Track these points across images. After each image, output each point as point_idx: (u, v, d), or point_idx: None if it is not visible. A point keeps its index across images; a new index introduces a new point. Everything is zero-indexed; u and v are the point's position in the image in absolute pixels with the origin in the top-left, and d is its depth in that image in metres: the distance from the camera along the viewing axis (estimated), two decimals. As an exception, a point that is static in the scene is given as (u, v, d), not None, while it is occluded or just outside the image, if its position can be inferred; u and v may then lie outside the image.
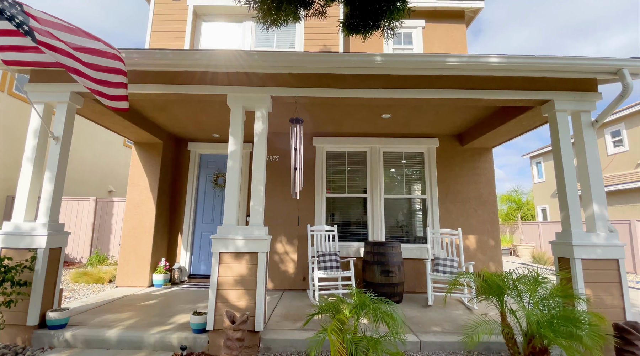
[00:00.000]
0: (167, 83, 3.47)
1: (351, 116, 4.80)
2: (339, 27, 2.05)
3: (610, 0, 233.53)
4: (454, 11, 6.65)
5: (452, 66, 3.31)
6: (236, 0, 2.10)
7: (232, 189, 3.39)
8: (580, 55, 3.38)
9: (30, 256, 3.18)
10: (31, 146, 3.50)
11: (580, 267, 3.18)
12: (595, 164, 3.44)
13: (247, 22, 6.27)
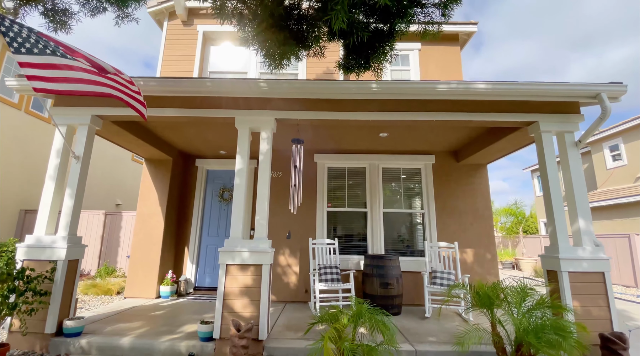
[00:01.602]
0: (181, 107, 3.78)
1: (350, 134, 5.08)
2: (337, 67, 2.32)
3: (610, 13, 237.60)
4: (449, 34, 7.01)
5: (443, 91, 3.59)
6: (245, 46, 2.37)
7: (239, 205, 3.63)
8: (562, 81, 3.66)
9: (50, 267, 3.41)
10: (53, 165, 3.79)
11: (567, 279, 3.35)
12: (580, 182, 3.65)
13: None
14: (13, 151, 8.23)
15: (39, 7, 1.92)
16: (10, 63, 8.53)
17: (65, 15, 2.03)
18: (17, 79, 3.66)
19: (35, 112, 8.94)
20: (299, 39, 2.03)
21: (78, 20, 2.14)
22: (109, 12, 2.16)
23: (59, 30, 2.10)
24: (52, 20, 2.01)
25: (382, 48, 1.95)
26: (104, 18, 2.12)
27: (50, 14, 1.95)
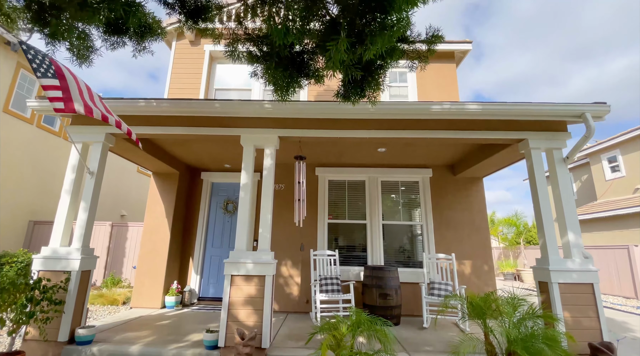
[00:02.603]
0: (191, 125, 4.02)
1: (350, 149, 5.31)
2: (335, 96, 2.55)
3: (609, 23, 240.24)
4: (445, 52, 7.31)
5: (436, 111, 3.82)
6: (254, 79, 2.61)
7: (244, 218, 3.83)
8: (548, 102, 3.88)
9: (64, 277, 3.60)
10: (69, 180, 4.02)
11: (557, 290, 3.50)
12: (568, 196, 3.83)
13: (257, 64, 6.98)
14: (24, 164, 8.51)
15: (66, 43, 2.16)
16: (23, 79, 8.89)
17: (88, 50, 2.26)
18: (38, 101, 3.92)
19: (47, 127, 9.27)
20: (301, 69, 2.27)
21: (99, 54, 2.38)
22: (128, 46, 2.40)
23: (83, 64, 2.34)
24: (77, 55, 2.25)
25: (376, 80, 2.18)
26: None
27: (75, 49, 2.19)
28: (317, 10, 1.70)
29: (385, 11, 1.45)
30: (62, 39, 2.12)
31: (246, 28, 2.44)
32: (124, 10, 1.78)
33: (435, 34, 2.32)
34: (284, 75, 2.15)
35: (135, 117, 3.99)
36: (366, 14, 1.52)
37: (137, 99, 3.89)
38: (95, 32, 2.29)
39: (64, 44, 2.19)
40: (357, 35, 1.57)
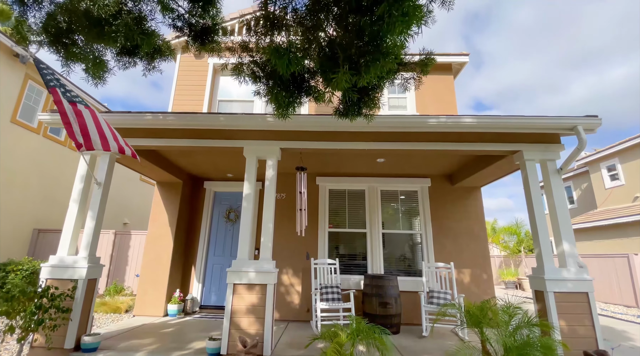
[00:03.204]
0: (195, 138, 4.16)
1: (350, 160, 5.44)
2: (334, 113, 2.68)
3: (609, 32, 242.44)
4: (443, 65, 7.49)
5: (433, 124, 3.96)
6: (257, 97, 2.76)
7: (246, 228, 3.94)
8: (541, 115, 4.01)
9: (71, 285, 3.70)
10: (77, 190, 4.15)
11: (553, 299, 3.56)
12: (562, 206, 3.93)
13: (260, 84, 7.18)
14: (30, 173, 8.67)
15: (82, 64, 2.31)
16: (31, 90, 9.11)
17: (103, 71, 2.41)
18: (50, 114, 4.08)
19: (53, 136, 9.45)
20: (301, 88, 2.40)
21: (112, 74, 2.53)
22: (138, 65, 2.55)
23: (98, 83, 2.49)
24: (92, 75, 2.39)
25: (372, 99, 2.31)
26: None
27: (91, 70, 2.34)
28: (316, 44, 1.84)
29: (378, 48, 1.59)
30: (79, 61, 2.27)
31: (250, 50, 2.59)
32: (140, 38, 1.93)
33: (429, 56, 2.47)
34: (285, 95, 2.29)
35: (142, 130, 4.13)
36: (361, 48, 1.67)
37: (144, 113, 4.04)
38: (109, 52, 2.44)
39: (79, 65, 2.34)
40: (354, 64, 1.71)
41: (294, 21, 1.97)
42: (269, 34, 2.05)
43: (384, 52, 1.60)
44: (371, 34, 1.58)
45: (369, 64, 1.62)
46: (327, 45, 1.91)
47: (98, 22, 1.92)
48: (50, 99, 9.47)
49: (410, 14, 1.45)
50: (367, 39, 1.62)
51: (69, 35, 2.12)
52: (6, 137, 8.07)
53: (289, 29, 1.89)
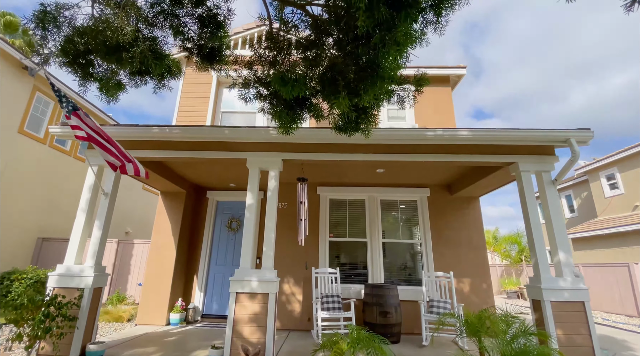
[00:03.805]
0: (200, 149, 4.30)
1: (350, 170, 5.56)
2: (333, 128, 2.81)
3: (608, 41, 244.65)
4: (440, 77, 7.67)
5: (430, 137, 4.08)
6: (262, 114, 2.89)
7: (249, 237, 4.03)
8: (535, 128, 4.13)
9: (77, 294, 3.78)
10: (85, 199, 4.27)
11: (549, 309, 3.63)
12: (558, 216, 4.02)
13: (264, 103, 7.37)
14: (36, 183, 8.81)
15: (96, 83, 2.45)
16: (38, 102, 9.32)
17: (117, 90, 2.55)
18: (60, 127, 4.23)
19: (59, 146, 9.63)
20: (303, 105, 2.54)
21: (125, 92, 2.67)
22: (149, 83, 2.70)
23: (111, 101, 2.63)
24: (106, 94, 2.54)
25: (369, 117, 2.45)
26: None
27: (105, 89, 2.48)
28: (318, 69, 1.99)
29: (375, 72, 1.73)
30: (95, 81, 2.41)
31: (255, 71, 2.74)
32: (154, 63, 2.07)
33: (423, 76, 2.61)
34: (288, 113, 2.43)
35: (149, 142, 4.27)
36: (359, 72, 1.81)
37: (151, 126, 4.19)
38: (122, 71, 2.59)
39: (95, 84, 2.49)
40: (353, 87, 1.84)
41: (296, 48, 2.11)
42: (275, 61, 2.19)
43: (380, 76, 1.73)
44: (368, 60, 1.72)
45: (367, 88, 1.75)
46: (328, 70, 2.05)
47: (117, 48, 2.07)
48: (57, 110, 9.69)
49: (402, 42, 1.59)
50: (364, 64, 1.76)
51: (85, 57, 2.28)
52: (13, 147, 8.24)
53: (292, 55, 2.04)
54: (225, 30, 2.58)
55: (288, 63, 2.26)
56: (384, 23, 1.45)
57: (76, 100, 9.65)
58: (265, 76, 2.55)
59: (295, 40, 2.26)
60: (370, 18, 1.41)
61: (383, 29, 1.50)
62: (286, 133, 2.73)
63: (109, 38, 2.00)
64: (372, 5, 1.37)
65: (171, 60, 2.69)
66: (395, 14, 1.43)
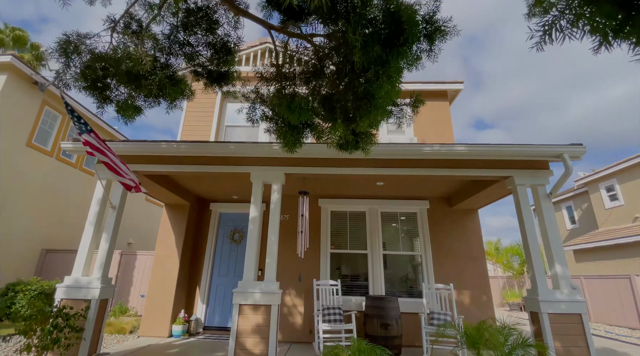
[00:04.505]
0: (205, 164, 4.45)
1: (351, 183, 5.69)
2: (335, 146, 2.96)
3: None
4: (438, 91, 7.90)
5: (427, 152, 4.23)
6: (267, 133, 3.07)
7: (252, 250, 4.14)
8: (529, 143, 4.28)
9: (85, 305, 3.87)
10: (93, 213, 4.40)
11: (547, 321, 3.69)
12: (553, 229, 4.12)
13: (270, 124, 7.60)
14: (41, 195, 8.96)
15: (113, 105, 2.62)
16: (46, 115, 9.56)
17: (134, 113, 2.73)
18: (72, 143, 4.40)
19: (65, 159, 9.82)
20: (306, 126, 2.71)
21: (142, 115, 2.85)
22: (162, 104, 2.87)
23: (127, 123, 2.80)
24: (123, 115, 2.71)
25: (368, 136, 2.60)
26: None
27: (122, 111, 2.65)
28: (319, 97, 2.16)
29: (370, 102, 1.89)
30: (112, 104, 2.58)
31: (262, 95, 2.92)
32: (171, 89, 2.24)
33: (418, 98, 2.78)
34: (292, 134, 2.59)
35: (157, 157, 4.43)
36: (356, 101, 1.97)
37: (159, 142, 4.36)
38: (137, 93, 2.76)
39: (112, 106, 2.66)
40: (350, 114, 2.00)
41: (300, 78, 2.29)
42: (282, 90, 2.36)
43: (375, 105, 1.89)
44: (364, 91, 1.88)
45: (363, 116, 1.91)
46: (328, 99, 2.22)
47: (136, 76, 2.24)
48: (65, 124, 9.93)
49: (394, 76, 1.75)
50: (361, 94, 1.92)
51: (103, 81, 2.45)
52: (21, 160, 8.42)
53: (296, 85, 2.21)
54: (234, 56, 2.76)
55: (293, 90, 2.43)
56: (378, 59, 1.62)
57: (83, 114, 9.89)
58: (271, 100, 2.72)
59: (299, 71, 2.45)
60: (366, 55, 1.58)
61: (377, 64, 1.67)
62: (290, 152, 2.88)
63: (130, 67, 2.18)
64: (367, 44, 1.54)
65: (185, 84, 2.87)
66: (388, 50, 1.59)
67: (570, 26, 1.15)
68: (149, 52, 2.30)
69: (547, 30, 1.19)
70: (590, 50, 1.17)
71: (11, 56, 8.15)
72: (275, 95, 2.40)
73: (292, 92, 2.20)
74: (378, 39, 1.56)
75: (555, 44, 1.21)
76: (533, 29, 1.24)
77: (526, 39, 1.25)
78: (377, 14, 1.58)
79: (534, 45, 1.25)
